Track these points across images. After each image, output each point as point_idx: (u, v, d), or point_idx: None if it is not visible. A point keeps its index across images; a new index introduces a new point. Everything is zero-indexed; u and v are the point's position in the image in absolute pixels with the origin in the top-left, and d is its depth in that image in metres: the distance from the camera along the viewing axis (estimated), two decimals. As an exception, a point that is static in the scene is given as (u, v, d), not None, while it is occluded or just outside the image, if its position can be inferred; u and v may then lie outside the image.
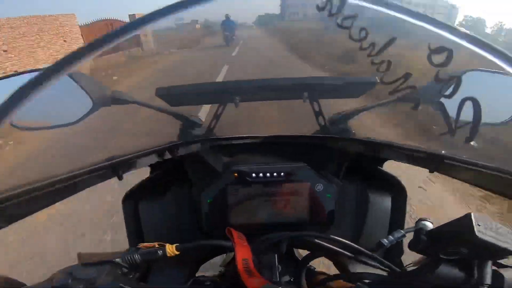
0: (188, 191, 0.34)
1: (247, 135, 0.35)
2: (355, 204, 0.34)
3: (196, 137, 0.34)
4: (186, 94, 0.37)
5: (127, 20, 5.40)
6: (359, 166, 0.35)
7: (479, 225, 0.23)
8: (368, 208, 0.34)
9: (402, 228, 0.28)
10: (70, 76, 0.33)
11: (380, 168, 0.36)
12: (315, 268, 0.32)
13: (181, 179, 0.34)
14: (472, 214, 0.24)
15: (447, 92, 0.26)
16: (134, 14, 5.46)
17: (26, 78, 0.23)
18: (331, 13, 0.24)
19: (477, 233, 0.23)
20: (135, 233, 0.34)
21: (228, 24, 9.77)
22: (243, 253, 0.26)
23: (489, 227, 0.24)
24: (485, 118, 0.26)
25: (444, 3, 63.67)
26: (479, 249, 0.23)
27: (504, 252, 0.23)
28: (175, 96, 0.37)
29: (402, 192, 0.35)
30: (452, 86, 0.26)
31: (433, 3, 62.54)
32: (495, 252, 0.23)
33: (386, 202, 0.34)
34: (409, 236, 0.27)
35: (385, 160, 0.35)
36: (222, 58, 3.23)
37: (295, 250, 0.36)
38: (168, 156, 0.32)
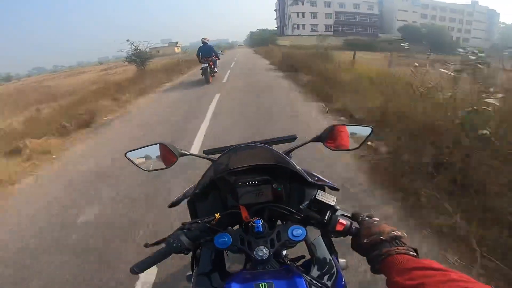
0: (218, 193, 0.75)
1: (243, 165, 0.74)
2: (297, 194, 0.73)
3: (221, 169, 0.72)
4: (216, 150, 0.93)
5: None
6: (298, 176, 0.70)
7: (319, 194, 0.61)
8: (303, 195, 0.72)
9: None
10: (163, 143, 0.81)
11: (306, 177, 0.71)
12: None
13: (214, 188, 0.75)
14: (318, 190, 0.62)
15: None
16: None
17: (152, 147, 0.82)
18: None
19: (316, 197, 0.60)
20: (195, 217, 0.74)
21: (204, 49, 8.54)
22: (245, 213, 0.65)
23: (324, 195, 0.61)
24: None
25: (483, 8, 56.08)
26: (322, 205, 0.60)
27: (329, 206, 0.59)
28: (212, 151, 0.94)
29: (323, 188, 0.71)
30: (330, 131, 0.78)
31: (472, 10, 55.14)
32: (327, 206, 0.59)
33: (312, 191, 0.67)
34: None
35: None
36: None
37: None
38: (210, 179, 0.71)
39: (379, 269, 0.51)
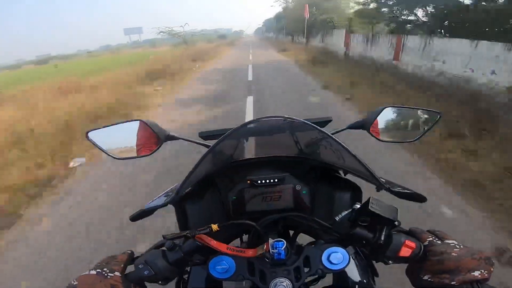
0: (218, 194, 0.55)
1: (253, 157, 0.57)
2: (326, 198, 0.55)
3: (222, 160, 0.55)
4: (215, 134, 0.64)
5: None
6: (329, 174, 0.56)
7: (372, 203, 0.40)
8: (334, 201, 0.54)
9: None
10: (143, 121, 0.57)
11: (339, 175, 0.58)
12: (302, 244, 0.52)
13: (212, 187, 0.56)
14: (371, 197, 0.41)
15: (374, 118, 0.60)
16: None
17: (127, 125, 0.56)
18: None
19: (369, 207, 0.39)
20: (185, 226, 0.55)
21: None
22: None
23: (380, 205, 0.40)
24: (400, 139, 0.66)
25: None
26: (375, 218, 0.40)
27: (389, 221, 0.39)
28: (210, 135, 0.66)
29: (358, 190, 0.55)
30: (378, 115, 0.60)
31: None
32: (385, 221, 0.40)
33: (346, 197, 0.55)
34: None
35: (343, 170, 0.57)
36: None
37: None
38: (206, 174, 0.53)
39: None
